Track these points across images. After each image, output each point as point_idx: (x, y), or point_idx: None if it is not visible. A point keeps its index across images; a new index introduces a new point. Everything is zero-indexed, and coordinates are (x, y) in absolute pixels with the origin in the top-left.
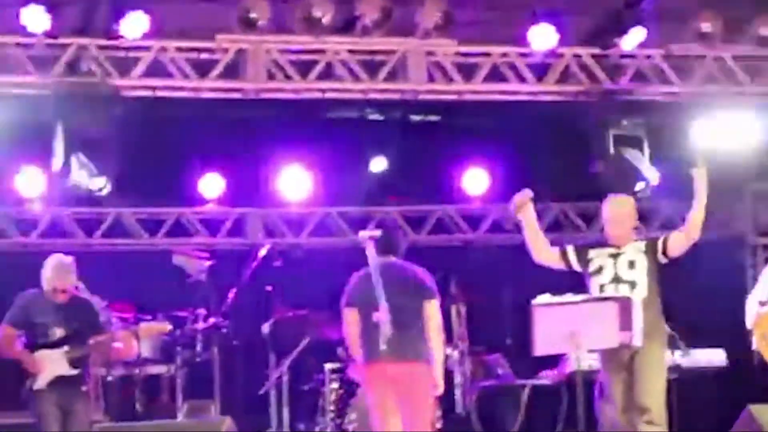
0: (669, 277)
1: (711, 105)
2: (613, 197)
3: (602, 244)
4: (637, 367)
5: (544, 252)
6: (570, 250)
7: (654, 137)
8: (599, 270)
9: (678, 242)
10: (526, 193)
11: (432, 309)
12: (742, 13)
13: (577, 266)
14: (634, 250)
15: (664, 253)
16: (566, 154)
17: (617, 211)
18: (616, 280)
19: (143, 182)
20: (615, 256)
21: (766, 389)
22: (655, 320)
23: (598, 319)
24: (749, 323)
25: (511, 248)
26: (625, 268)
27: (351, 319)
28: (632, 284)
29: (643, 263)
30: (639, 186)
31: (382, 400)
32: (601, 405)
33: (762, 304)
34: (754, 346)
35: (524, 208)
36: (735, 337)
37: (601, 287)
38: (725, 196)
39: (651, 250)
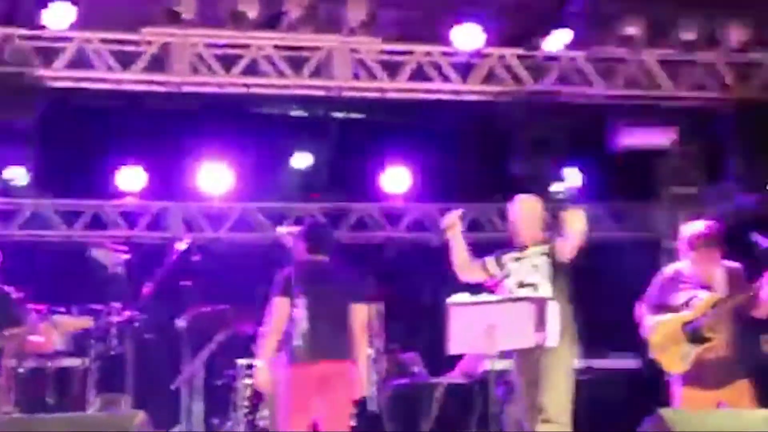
0: (583, 278)
1: (633, 108)
2: (519, 198)
3: (512, 247)
4: (542, 366)
5: (468, 270)
6: (489, 261)
7: (576, 139)
8: (508, 274)
9: (563, 248)
10: (456, 213)
11: (359, 311)
12: (666, 17)
13: (498, 274)
14: (538, 253)
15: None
16: (488, 154)
17: (522, 212)
18: (521, 284)
19: (63, 174)
20: (519, 259)
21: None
22: (562, 321)
23: (513, 318)
24: (644, 332)
25: (429, 247)
26: (527, 272)
27: (282, 308)
28: (535, 287)
29: (545, 266)
30: (555, 187)
31: (293, 398)
32: (508, 405)
33: (650, 309)
34: (652, 355)
35: (453, 228)
36: None
37: (510, 291)
38: (643, 199)
39: (551, 252)
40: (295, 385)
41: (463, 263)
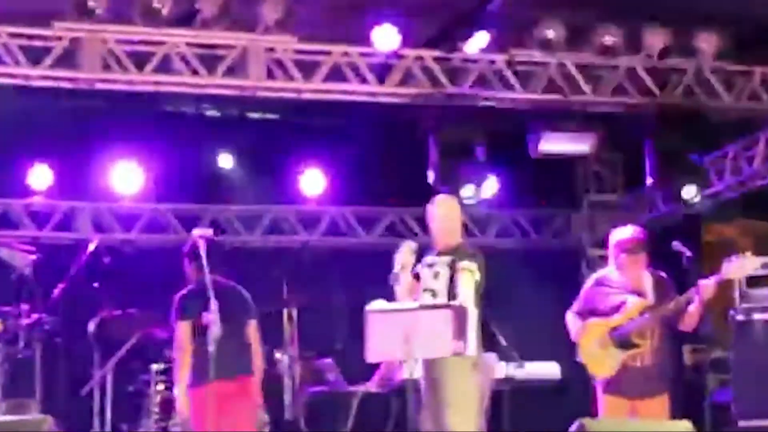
0: (502, 285)
1: (552, 112)
2: (436, 199)
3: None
4: (445, 375)
5: (412, 294)
6: (419, 271)
7: (493, 144)
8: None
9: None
10: (409, 249)
11: (254, 327)
12: (586, 21)
13: None
14: (443, 263)
15: None
16: (405, 157)
17: (438, 213)
18: (425, 289)
19: None
20: (430, 265)
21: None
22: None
23: (431, 326)
24: (573, 336)
25: (345, 251)
26: (431, 278)
27: (185, 332)
28: (433, 293)
29: (446, 274)
30: (465, 192)
31: (199, 417)
32: (418, 415)
33: (579, 315)
34: (580, 359)
35: (408, 266)
36: (570, 349)
37: (421, 297)
38: (563, 205)
39: (452, 267)
40: (200, 404)
41: (410, 291)
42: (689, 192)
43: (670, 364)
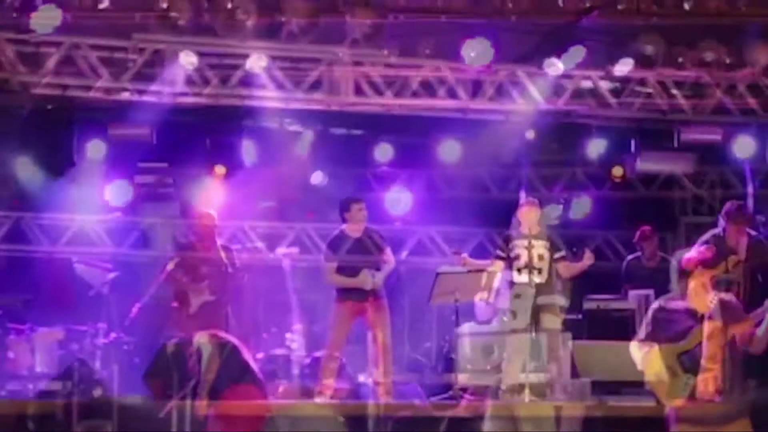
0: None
1: (650, 131)
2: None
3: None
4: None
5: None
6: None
7: (586, 163)
8: (518, 257)
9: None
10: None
11: None
12: (687, 37)
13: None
14: (542, 246)
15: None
16: (495, 177)
17: (525, 205)
18: (532, 267)
19: (44, 186)
20: (528, 248)
21: None
22: (550, 296)
23: (524, 350)
24: (639, 364)
25: (433, 272)
26: (536, 258)
27: None
28: (539, 271)
29: (547, 257)
30: (554, 212)
31: None
32: None
33: (644, 343)
34: (648, 387)
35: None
36: None
37: (519, 270)
38: (659, 227)
39: (550, 252)
40: None
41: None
42: None
43: (745, 389)
